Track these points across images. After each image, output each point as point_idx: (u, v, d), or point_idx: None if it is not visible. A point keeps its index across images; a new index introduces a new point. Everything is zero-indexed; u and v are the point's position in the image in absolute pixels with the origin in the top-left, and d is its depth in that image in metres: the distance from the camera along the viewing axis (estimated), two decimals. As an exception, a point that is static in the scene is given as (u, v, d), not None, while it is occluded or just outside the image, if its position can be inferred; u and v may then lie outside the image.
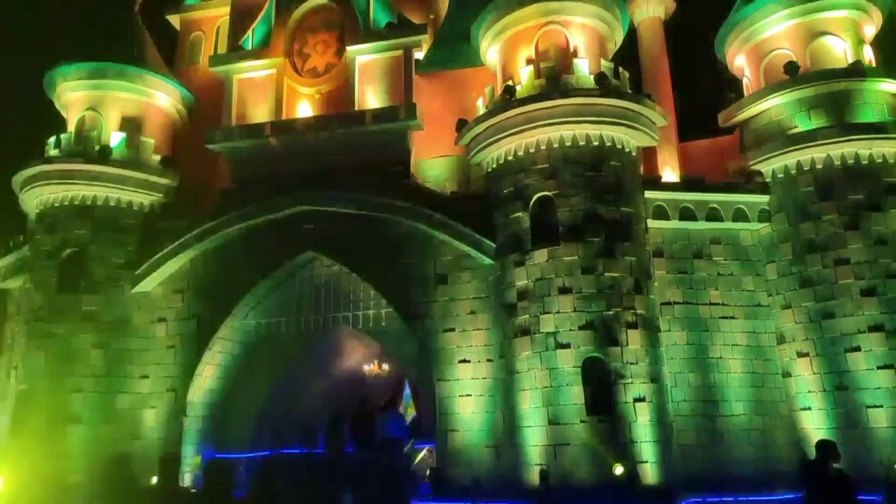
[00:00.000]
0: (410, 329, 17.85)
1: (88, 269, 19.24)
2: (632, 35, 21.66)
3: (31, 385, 18.36)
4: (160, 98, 21.47)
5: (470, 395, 16.97)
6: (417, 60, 20.76)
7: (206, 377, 19.39)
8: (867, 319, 15.79)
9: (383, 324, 19.12)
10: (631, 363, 15.25)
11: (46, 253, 19.46)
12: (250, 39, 21.83)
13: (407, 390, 25.46)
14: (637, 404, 15.00)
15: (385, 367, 23.50)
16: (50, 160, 19.72)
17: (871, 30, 18.65)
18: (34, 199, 20.23)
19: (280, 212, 19.36)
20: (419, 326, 17.70)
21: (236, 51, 21.84)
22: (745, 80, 19.96)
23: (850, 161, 16.81)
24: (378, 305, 19.09)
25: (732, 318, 17.23)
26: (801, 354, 16.53)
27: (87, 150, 19.96)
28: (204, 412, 19.33)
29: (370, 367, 23.51)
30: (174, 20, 26.44)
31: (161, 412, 18.91)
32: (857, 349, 15.73)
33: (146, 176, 20.15)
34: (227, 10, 24.88)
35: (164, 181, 20.50)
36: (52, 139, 20.44)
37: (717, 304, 17.27)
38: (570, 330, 15.48)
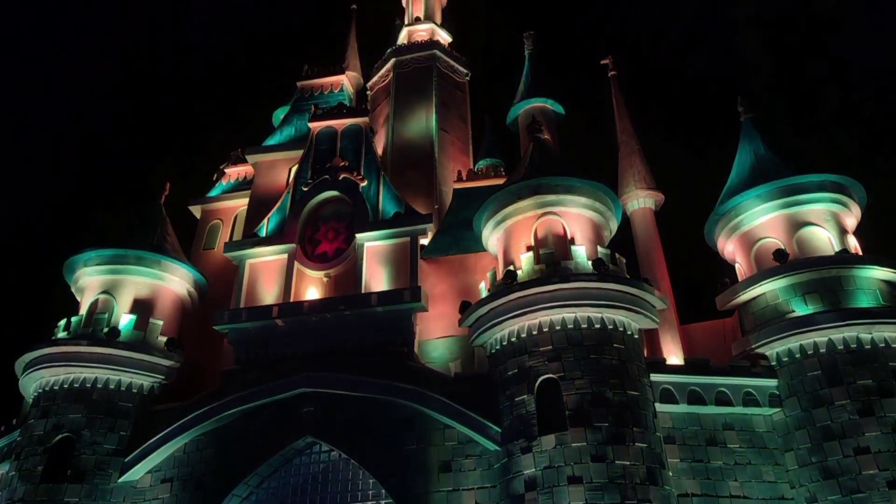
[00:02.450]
0: (411, 523, 16.64)
1: (78, 455, 18.52)
2: (626, 224, 22.91)
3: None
4: (174, 281, 22.23)
5: None
6: (423, 246, 21.80)
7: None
8: (900, 515, 14.78)
9: (382, 517, 17.86)
10: (651, 566, 13.97)
11: (38, 438, 18.86)
12: (265, 227, 23.14)
13: None
14: None
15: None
16: (56, 342, 19.91)
17: (852, 221, 19.73)
18: (34, 382, 20.08)
19: (281, 394, 19.05)
20: (420, 520, 16.52)
21: (251, 237, 23.05)
22: (737, 266, 20.71)
23: (853, 345, 16.88)
24: (377, 496, 17.97)
25: (757, 513, 16.08)
26: (835, 556, 15.18)
27: (96, 332, 20.24)
28: None
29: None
30: (195, 210, 28.30)
31: None
32: (896, 550, 14.49)
33: (150, 358, 20.21)
34: (245, 201, 26.83)
35: (167, 363, 20.50)
36: (62, 322, 20.81)
37: (739, 496, 16.25)
38: (583, 526, 14.41)
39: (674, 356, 20.36)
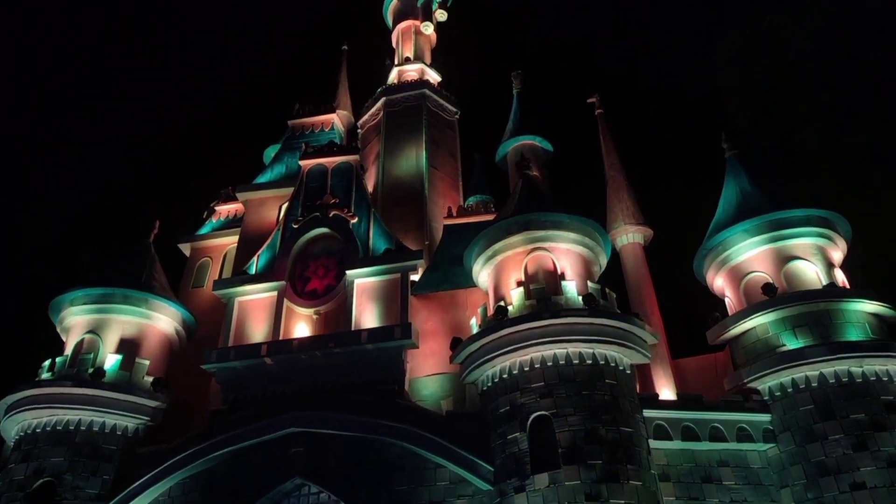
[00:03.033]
0: (402, 568, 16.20)
1: (59, 501, 17.95)
2: (615, 259, 23.03)
3: None
4: (161, 320, 21.97)
5: None
6: (413, 282, 21.76)
7: None
8: (898, 551, 14.59)
9: (372, 562, 17.38)
10: None
11: (17, 483, 18.31)
12: (255, 265, 23.05)
13: None
14: None
15: None
16: (40, 384, 19.53)
17: (838, 255, 19.95)
18: (15, 424, 19.61)
19: (270, 434, 18.69)
20: (412, 565, 16.09)
21: (240, 275, 22.93)
22: (727, 300, 20.80)
23: (845, 378, 16.88)
24: (368, 542, 17.52)
25: (757, 556, 15.82)
26: None
27: (80, 372, 19.89)
28: None
29: None
30: (185, 248, 28.19)
31: None
32: (898, 589, 14.25)
33: (135, 399, 19.81)
34: (235, 238, 26.78)
35: (153, 403, 20.11)
36: (46, 362, 20.45)
37: (736, 535, 15.97)
38: (579, 568, 14.08)
39: (666, 391, 20.25)
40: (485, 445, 16.92)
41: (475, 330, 18.58)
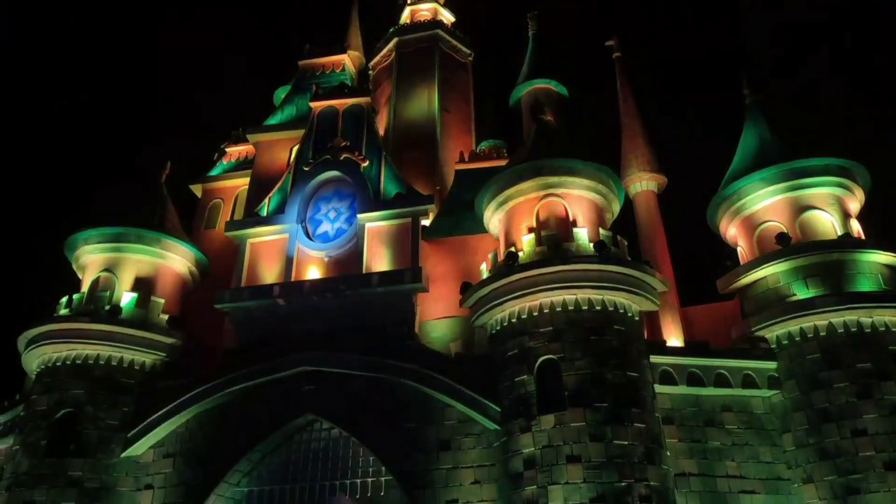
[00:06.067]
0: (411, 500, 16.81)
1: (81, 431, 18.68)
2: (628, 206, 22.85)
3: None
4: (175, 260, 22.23)
5: (475, 580, 15.54)
6: (424, 227, 21.77)
7: (189, 554, 17.94)
8: (894, 496, 14.93)
9: (382, 493, 18.07)
10: (648, 544, 14.13)
11: (41, 413, 19.01)
12: (266, 207, 23.10)
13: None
14: (658, 592, 13.65)
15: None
16: (58, 319, 19.97)
17: (855, 205, 19.68)
18: (36, 358, 20.18)
19: (282, 372, 19.14)
20: (420, 497, 16.70)
21: (252, 217, 23.01)
22: (739, 249, 20.69)
23: (853, 329, 16.93)
24: (377, 473, 18.16)
25: (753, 492, 16.30)
26: (830, 535, 15.37)
27: (97, 309, 20.29)
28: None
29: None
30: (196, 189, 28.24)
31: None
32: (891, 530, 14.68)
33: (152, 335, 20.27)
34: (246, 180, 26.75)
35: (168, 340, 20.57)
36: (63, 299, 20.86)
37: (736, 476, 16.42)
38: (581, 503, 14.56)
39: (674, 338, 20.43)
40: (492, 387, 17.25)
41: (485, 275, 18.67)
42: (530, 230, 18.59)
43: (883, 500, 15.03)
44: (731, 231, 20.76)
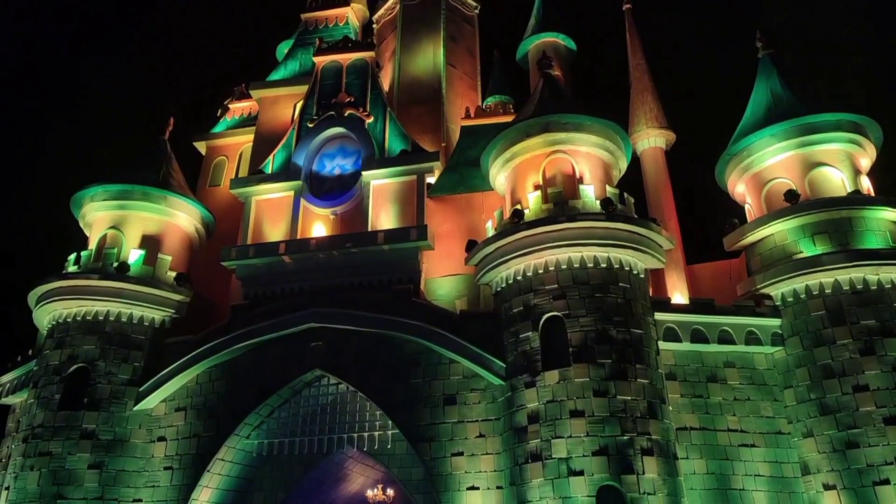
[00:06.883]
0: (417, 452, 17.21)
1: (93, 385, 19.08)
2: (635, 163, 22.62)
3: (20, 508, 17.59)
4: (181, 217, 22.25)
5: (479, 527, 16.02)
6: (429, 184, 21.65)
7: (203, 502, 18.50)
8: (893, 450, 15.17)
9: (388, 446, 18.50)
10: (648, 493, 14.48)
11: (54, 368, 19.39)
12: (270, 164, 22.97)
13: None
14: (657, 540, 14.05)
15: (390, 492, 22.42)
16: (67, 276, 20.15)
17: (866, 161, 19.39)
18: (47, 314, 20.45)
19: (289, 328, 19.37)
20: (426, 449, 17.08)
21: (257, 174, 22.91)
22: (747, 206, 20.53)
23: (859, 286, 16.90)
24: (384, 426, 18.56)
25: (753, 445, 16.59)
26: (827, 487, 15.70)
27: (105, 266, 20.45)
28: (196, 541, 18.25)
29: (374, 493, 22.43)
30: (200, 146, 28.06)
31: (151, 540, 17.88)
32: (887, 482, 14.96)
33: (160, 292, 20.46)
34: (250, 137, 26.55)
35: (177, 297, 20.77)
36: (72, 256, 21.01)
37: (736, 430, 16.69)
38: (584, 456, 14.88)
39: (679, 296, 20.48)
40: (497, 343, 17.43)
41: (491, 233, 18.63)
42: (536, 187, 18.46)
43: (882, 453, 15.27)
44: (740, 188, 20.55)
